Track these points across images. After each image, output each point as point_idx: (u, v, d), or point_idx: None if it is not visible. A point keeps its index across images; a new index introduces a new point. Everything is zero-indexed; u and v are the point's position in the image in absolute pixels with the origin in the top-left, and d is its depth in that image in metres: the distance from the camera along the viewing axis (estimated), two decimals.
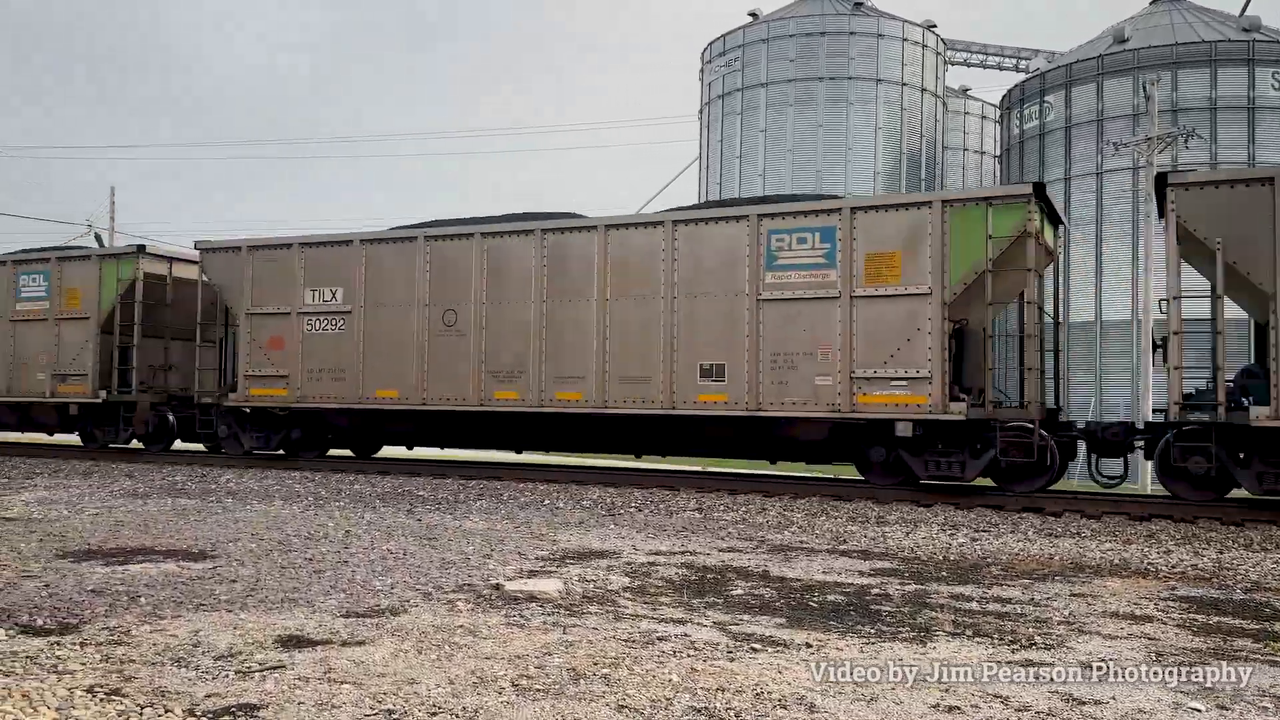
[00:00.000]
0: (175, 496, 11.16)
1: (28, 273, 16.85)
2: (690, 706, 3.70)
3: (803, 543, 8.39)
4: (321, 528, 8.60)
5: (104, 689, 3.78)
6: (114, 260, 16.37)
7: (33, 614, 5.06)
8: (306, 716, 3.53)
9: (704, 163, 36.03)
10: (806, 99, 32.44)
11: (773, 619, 5.30)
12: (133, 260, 16.12)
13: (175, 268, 16.81)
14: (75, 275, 16.48)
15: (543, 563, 7.02)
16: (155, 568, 6.47)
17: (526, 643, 4.64)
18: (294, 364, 14.37)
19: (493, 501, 11.05)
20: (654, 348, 12.14)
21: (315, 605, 5.43)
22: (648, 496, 11.20)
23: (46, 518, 9.05)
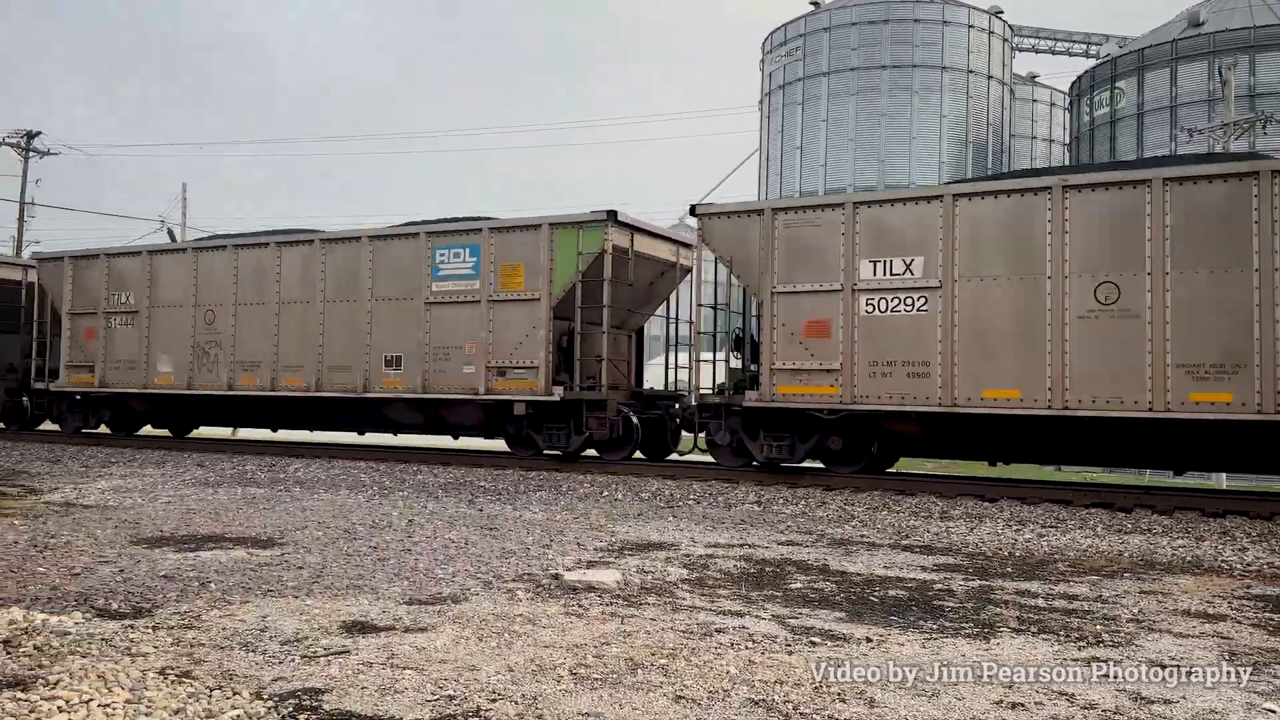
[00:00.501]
0: (245, 485, 11.43)
1: None
2: (748, 699, 3.69)
3: (863, 537, 8.31)
4: (386, 516, 8.75)
5: (175, 671, 3.89)
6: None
7: (108, 598, 5.23)
8: (369, 701, 3.60)
9: (764, 154, 35.79)
10: (869, 88, 32.02)
11: (832, 613, 5.26)
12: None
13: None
14: None
15: (601, 554, 7.05)
16: (225, 554, 6.64)
17: (585, 632, 4.66)
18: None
19: (552, 493, 11.12)
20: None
21: (379, 592, 5.53)
22: (706, 489, 11.18)
23: (121, 505, 9.33)
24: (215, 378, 15.87)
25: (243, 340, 15.64)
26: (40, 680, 3.70)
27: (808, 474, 12.09)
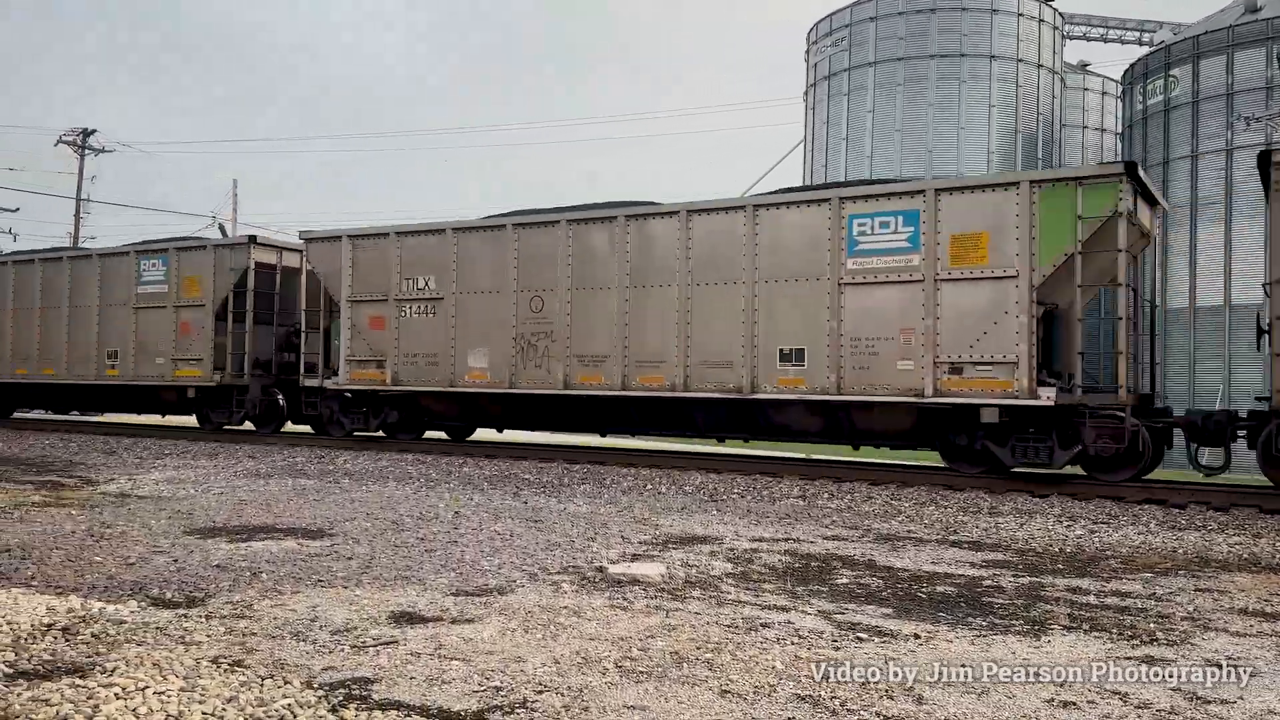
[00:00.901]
0: (295, 477, 11.59)
1: None
2: (794, 694, 3.67)
3: (910, 532, 8.23)
4: (432, 509, 8.82)
5: (227, 660, 3.96)
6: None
7: (162, 587, 5.33)
8: (418, 691, 3.63)
9: (809, 146, 35.52)
10: (916, 78, 31.62)
11: (879, 609, 5.21)
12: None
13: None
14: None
15: (645, 547, 7.05)
16: (276, 545, 6.74)
17: (630, 625, 4.67)
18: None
19: (596, 486, 11.15)
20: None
21: (426, 583, 5.58)
22: (750, 483, 11.14)
23: (175, 496, 9.51)
24: (546, 374, 13.64)
25: (579, 332, 13.40)
26: (98, 668, 3.79)
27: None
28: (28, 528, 7.27)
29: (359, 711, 3.37)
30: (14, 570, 5.71)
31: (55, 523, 7.53)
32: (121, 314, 18.05)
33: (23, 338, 19.62)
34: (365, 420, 15.68)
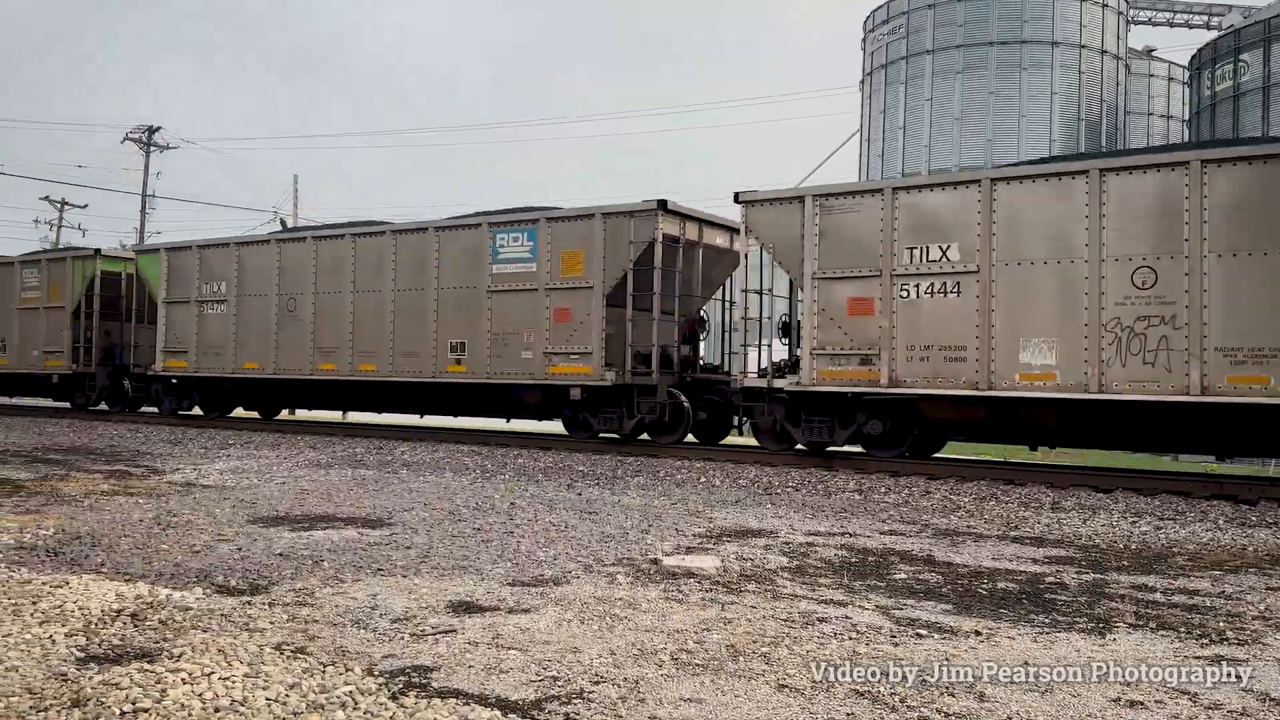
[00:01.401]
0: (355, 467, 11.77)
1: None
2: (853, 689, 3.64)
3: (970, 528, 8.11)
4: (488, 499, 8.90)
5: (290, 647, 4.03)
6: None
7: (227, 575, 5.45)
8: (476, 679, 3.67)
9: (864, 135, 35.13)
10: (976, 65, 31.09)
11: (938, 605, 5.14)
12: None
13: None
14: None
15: (700, 540, 7.04)
16: (337, 534, 6.85)
17: (685, 618, 4.66)
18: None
19: (649, 478, 11.15)
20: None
21: (483, 573, 5.63)
22: (805, 476, 11.06)
23: (239, 486, 9.71)
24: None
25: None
26: (165, 653, 3.88)
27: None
28: (97, 516, 7.47)
29: (419, 699, 3.40)
30: (84, 557, 5.87)
31: (123, 511, 7.73)
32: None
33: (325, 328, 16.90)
34: (830, 432, 12.14)
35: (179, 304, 18.18)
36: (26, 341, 20.68)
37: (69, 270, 19.77)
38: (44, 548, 6.11)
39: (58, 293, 19.65)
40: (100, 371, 20.00)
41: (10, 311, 21.00)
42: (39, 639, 4.02)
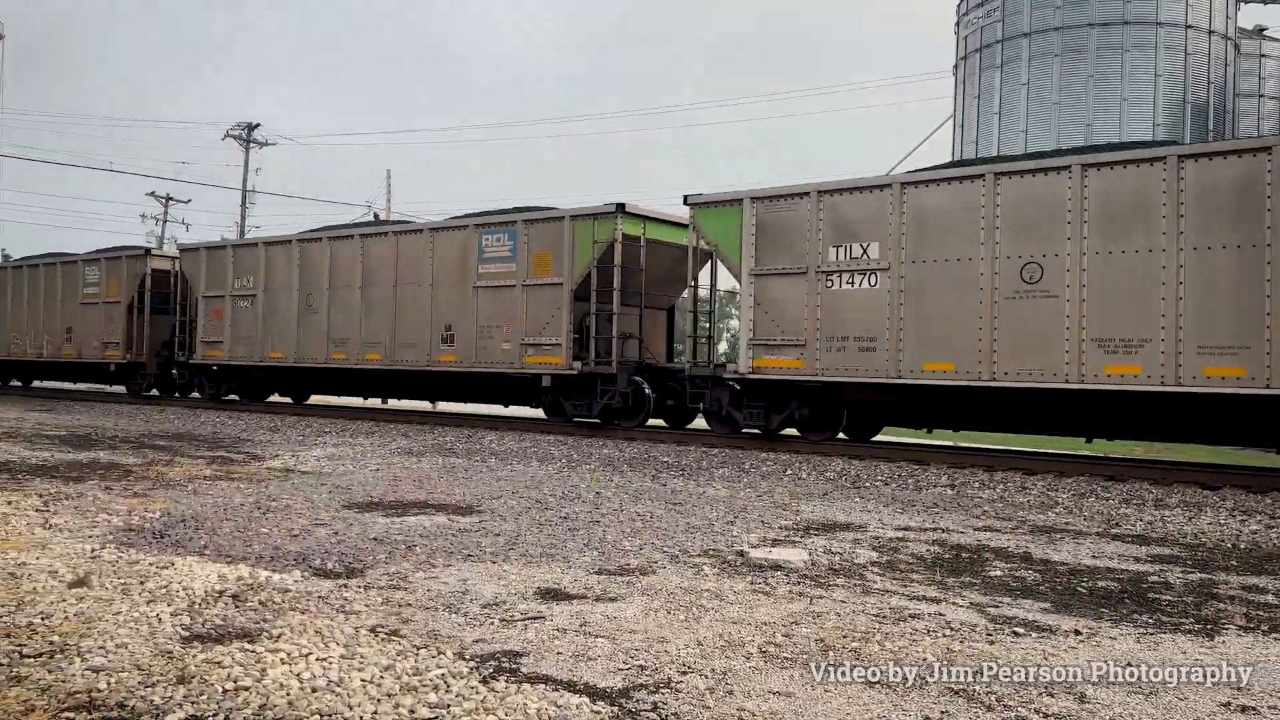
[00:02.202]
0: (445, 455, 11.98)
1: None
2: (947, 687, 3.55)
3: (1068, 524, 7.86)
4: (574, 489, 8.96)
5: (384, 630, 4.11)
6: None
7: (324, 558, 5.59)
8: (564, 666, 3.69)
9: (958, 121, 34.29)
10: (1075, 48, 30.05)
11: (1036, 603, 4.99)
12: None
13: None
14: None
15: (786, 532, 6.97)
16: (428, 520, 6.98)
17: (773, 611, 4.62)
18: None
19: (734, 470, 11.09)
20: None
21: (570, 561, 5.66)
22: (895, 470, 10.87)
23: (335, 472, 9.96)
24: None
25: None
26: (264, 633, 3.99)
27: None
28: (201, 500, 7.75)
29: (509, 684, 3.43)
30: (188, 539, 6.09)
31: (225, 495, 8.00)
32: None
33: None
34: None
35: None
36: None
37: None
38: (150, 530, 6.35)
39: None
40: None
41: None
42: (146, 617, 4.18)
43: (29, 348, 24.36)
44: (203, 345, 20.28)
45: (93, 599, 4.44)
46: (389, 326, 17.12)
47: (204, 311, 20.26)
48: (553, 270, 15.02)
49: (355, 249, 17.79)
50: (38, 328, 24.06)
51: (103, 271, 22.50)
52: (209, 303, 20.22)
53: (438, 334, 16.38)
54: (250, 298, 19.41)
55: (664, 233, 15.35)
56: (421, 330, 16.62)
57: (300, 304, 18.78)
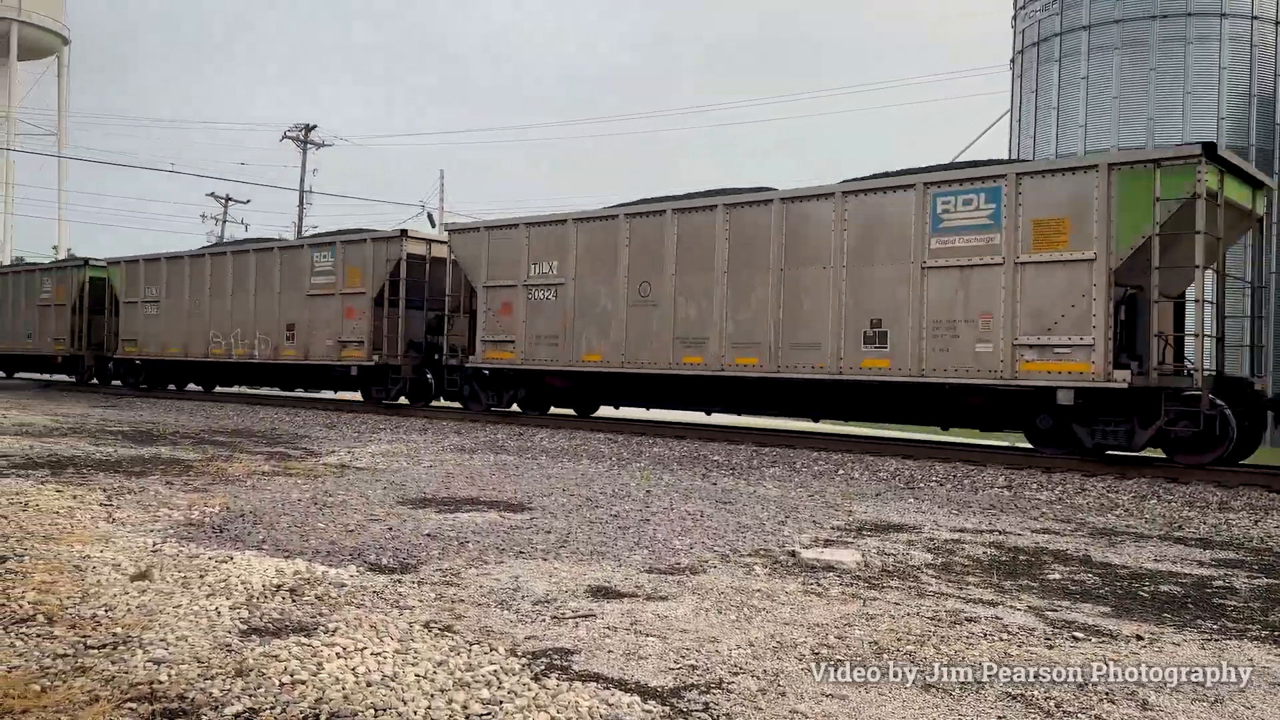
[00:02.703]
0: (497, 453, 12.06)
1: None
2: (1005, 692, 3.49)
3: (1129, 527, 7.69)
4: (624, 487, 8.97)
5: (438, 625, 4.15)
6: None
7: (378, 554, 5.65)
8: (615, 665, 3.68)
9: (1015, 116, 33.73)
10: (1136, 41, 29.39)
11: (1096, 607, 4.88)
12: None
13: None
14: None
15: (839, 533, 6.90)
16: (480, 516, 7.03)
17: (825, 612, 4.57)
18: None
19: (786, 469, 11.02)
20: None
21: (621, 559, 5.66)
22: (950, 470, 10.72)
23: (389, 468, 10.08)
24: None
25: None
26: (321, 627, 4.04)
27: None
28: (259, 495, 7.88)
29: (560, 681, 3.44)
30: (247, 534, 6.19)
31: (283, 491, 8.13)
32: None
33: None
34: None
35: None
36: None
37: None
38: (210, 525, 6.48)
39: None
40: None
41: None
42: (205, 611, 4.26)
43: (236, 347, 21.96)
44: (484, 345, 16.84)
45: (154, 592, 4.54)
46: (771, 322, 13.25)
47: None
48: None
49: (715, 221, 13.89)
50: (246, 325, 21.68)
51: (339, 257, 19.67)
52: (492, 294, 16.86)
53: (856, 330, 12.47)
54: (553, 287, 15.99)
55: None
56: (826, 326, 12.72)
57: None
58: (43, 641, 3.75)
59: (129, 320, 24.66)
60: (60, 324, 26.65)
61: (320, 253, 20.16)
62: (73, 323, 26.25)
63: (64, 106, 70.75)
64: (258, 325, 21.32)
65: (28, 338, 27.56)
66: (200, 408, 19.69)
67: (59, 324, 26.69)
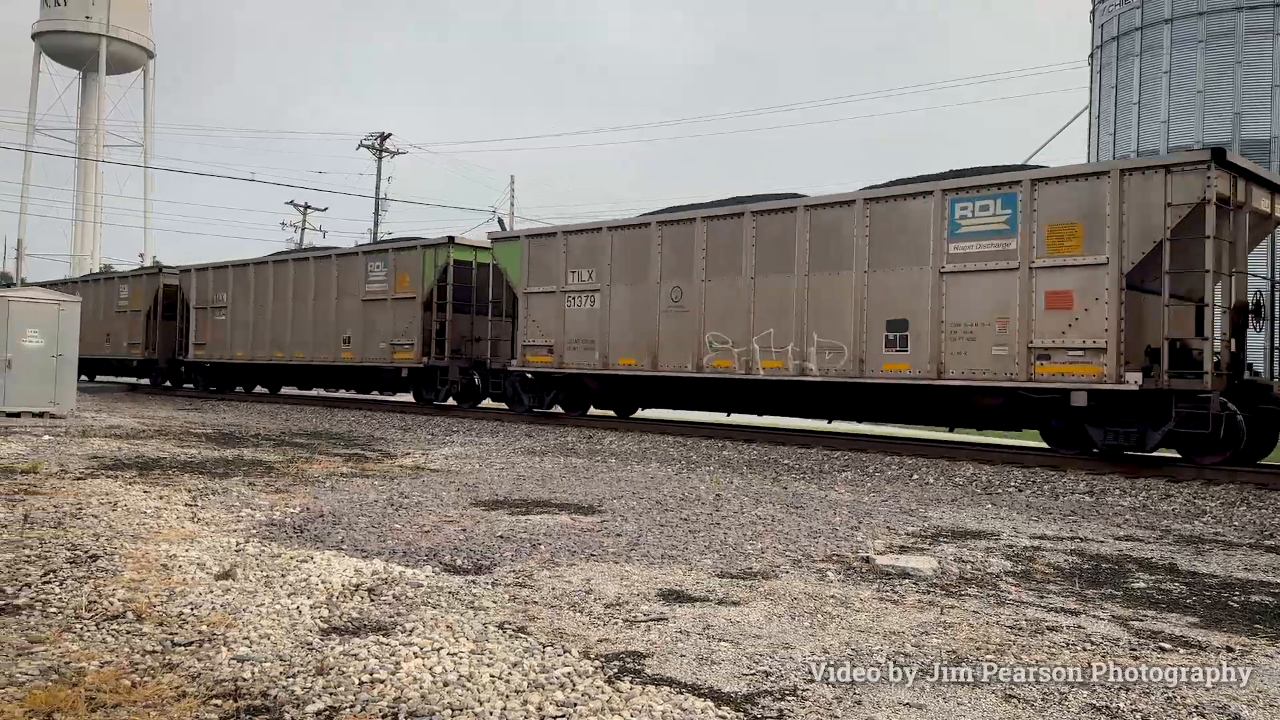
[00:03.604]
0: (567, 455, 12.14)
1: None
2: (1089, 704, 3.39)
3: (1218, 535, 7.43)
4: (693, 490, 8.95)
5: (512, 626, 4.18)
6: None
7: (453, 555, 5.73)
8: (688, 669, 3.68)
9: (1094, 113, 32.90)
10: (1221, 33, 28.45)
11: (1183, 617, 4.73)
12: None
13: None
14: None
15: (914, 539, 6.80)
16: (552, 519, 7.07)
17: (901, 619, 4.50)
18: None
19: (858, 473, 10.89)
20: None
21: (692, 563, 5.65)
22: (1029, 476, 10.48)
23: (462, 470, 10.21)
24: None
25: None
26: (398, 627, 4.11)
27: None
28: (337, 496, 8.04)
29: (633, 684, 3.44)
30: (326, 534, 6.33)
31: (360, 492, 8.29)
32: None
33: None
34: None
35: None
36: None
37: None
38: (290, 525, 6.63)
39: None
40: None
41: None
42: (287, 610, 4.36)
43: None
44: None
45: (237, 591, 4.66)
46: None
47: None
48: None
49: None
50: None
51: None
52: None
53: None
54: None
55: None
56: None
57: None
58: (133, 638, 3.87)
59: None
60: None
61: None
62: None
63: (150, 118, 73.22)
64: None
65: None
66: (279, 410, 20.18)
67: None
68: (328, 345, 21.50)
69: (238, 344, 24.14)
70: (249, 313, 23.77)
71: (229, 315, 24.42)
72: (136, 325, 27.74)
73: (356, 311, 20.88)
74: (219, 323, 24.77)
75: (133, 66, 73.43)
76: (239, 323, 24.11)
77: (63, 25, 69.53)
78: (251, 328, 23.67)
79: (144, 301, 27.51)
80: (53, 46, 70.53)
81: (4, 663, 3.53)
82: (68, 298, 17.86)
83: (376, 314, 20.43)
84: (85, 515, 6.62)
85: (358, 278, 20.97)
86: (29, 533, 5.90)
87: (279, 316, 22.95)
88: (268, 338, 23.19)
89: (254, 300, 23.64)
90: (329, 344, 21.45)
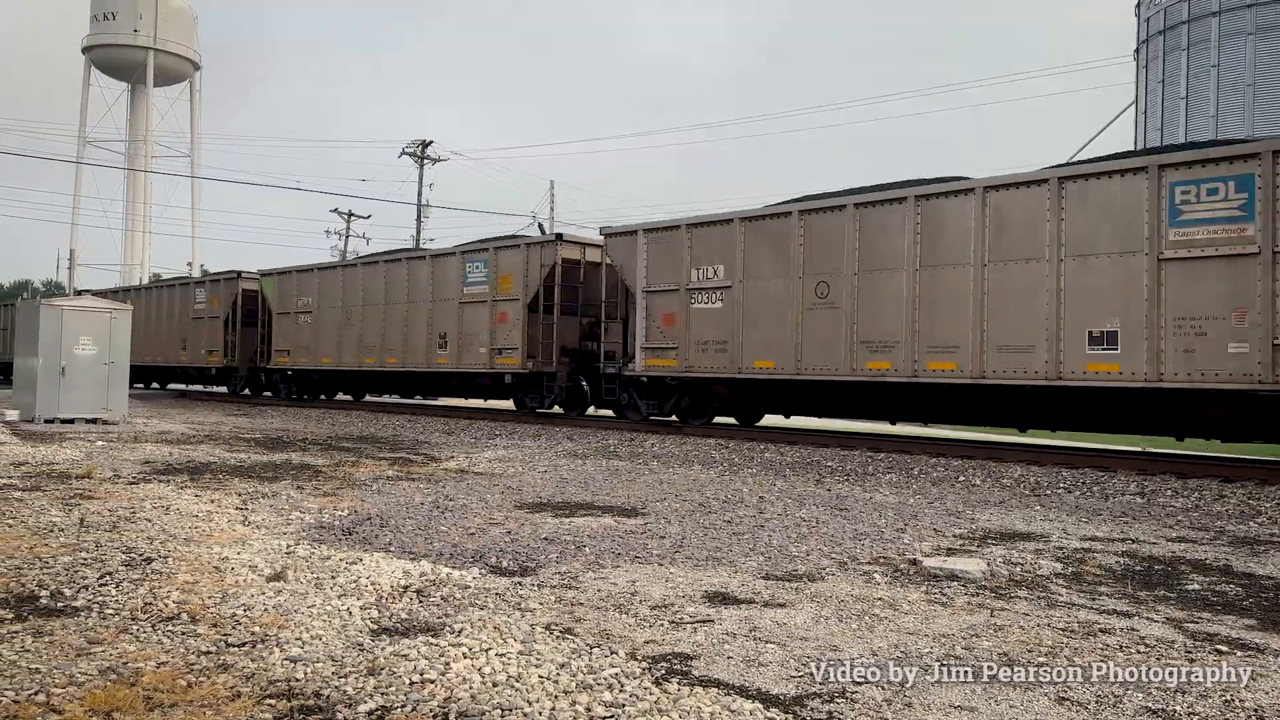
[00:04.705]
0: (608, 458, 12.16)
1: None
2: (1144, 707, 3.34)
3: (1273, 535, 7.28)
4: (736, 493, 8.93)
5: (558, 627, 4.20)
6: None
7: (499, 557, 5.76)
8: (735, 671, 3.67)
9: (1140, 108, 32.37)
10: (1271, 25, 27.85)
11: (1239, 619, 4.64)
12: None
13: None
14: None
15: (961, 541, 6.73)
16: (595, 521, 7.10)
17: (951, 622, 4.46)
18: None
19: (902, 475, 10.80)
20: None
21: (736, 565, 5.64)
22: (1078, 477, 10.33)
23: (505, 473, 10.27)
24: None
25: None
26: (447, 628, 4.15)
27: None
28: (384, 499, 8.13)
29: (681, 686, 3.45)
30: (374, 537, 6.40)
31: (406, 495, 8.37)
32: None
33: None
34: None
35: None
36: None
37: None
38: (339, 527, 6.71)
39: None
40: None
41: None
42: (338, 611, 4.41)
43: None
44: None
45: (289, 592, 4.73)
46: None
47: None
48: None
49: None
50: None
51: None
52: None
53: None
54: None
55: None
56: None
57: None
58: (187, 639, 3.94)
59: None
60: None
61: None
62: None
63: (197, 129, 74.50)
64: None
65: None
66: (327, 415, 20.43)
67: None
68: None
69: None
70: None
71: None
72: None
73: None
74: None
75: (179, 78, 74.79)
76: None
77: (112, 39, 70.99)
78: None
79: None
80: (102, 60, 72.03)
81: (64, 663, 3.61)
82: (119, 306, 18.10)
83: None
84: (139, 519, 6.75)
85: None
86: (85, 536, 6.03)
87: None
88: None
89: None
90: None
